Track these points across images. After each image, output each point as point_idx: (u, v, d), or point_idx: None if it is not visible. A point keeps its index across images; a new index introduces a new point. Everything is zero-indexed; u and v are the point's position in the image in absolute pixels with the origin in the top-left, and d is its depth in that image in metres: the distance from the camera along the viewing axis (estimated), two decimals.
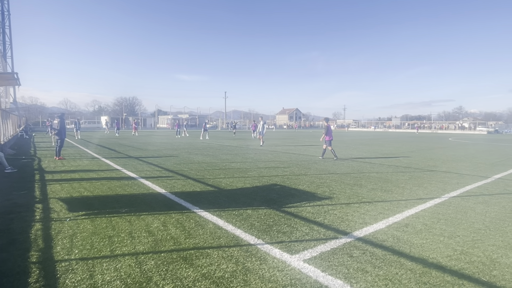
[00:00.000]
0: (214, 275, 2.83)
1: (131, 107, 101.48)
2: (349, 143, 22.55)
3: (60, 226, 4.04)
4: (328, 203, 5.38)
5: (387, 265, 3.07)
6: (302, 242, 3.64)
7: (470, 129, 70.66)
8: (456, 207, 5.26)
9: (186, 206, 5.06)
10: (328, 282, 2.73)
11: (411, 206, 5.26)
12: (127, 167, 9.30)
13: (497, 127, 68.48)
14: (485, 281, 2.79)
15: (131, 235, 3.76)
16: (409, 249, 3.48)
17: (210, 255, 3.24)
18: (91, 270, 2.89)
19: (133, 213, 4.63)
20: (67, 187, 6.45)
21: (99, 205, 5.10)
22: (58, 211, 4.74)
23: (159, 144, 19.60)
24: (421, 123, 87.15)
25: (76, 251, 3.30)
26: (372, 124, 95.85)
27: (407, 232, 4.02)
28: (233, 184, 6.91)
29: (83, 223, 4.16)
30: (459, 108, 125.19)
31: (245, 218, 4.48)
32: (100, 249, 3.35)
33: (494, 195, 6.22)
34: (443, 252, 3.41)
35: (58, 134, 10.91)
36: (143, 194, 5.88)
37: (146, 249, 3.38)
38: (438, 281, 2.78)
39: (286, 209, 4.99)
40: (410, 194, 6.22)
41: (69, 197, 5.63)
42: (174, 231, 3.92)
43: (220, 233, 3.89)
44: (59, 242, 3.52)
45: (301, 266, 3.02)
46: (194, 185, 6.76)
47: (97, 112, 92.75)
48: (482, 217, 4.72)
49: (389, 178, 8.02)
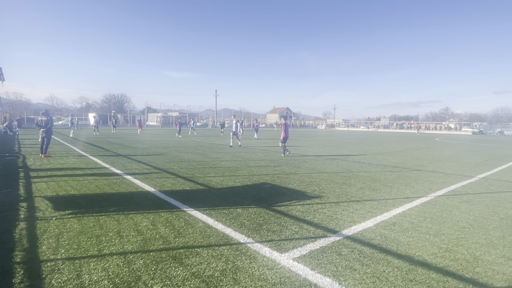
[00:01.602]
0: (204, 274, 2.83)
1: (120, 104, 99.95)
2: (339, 142, 22.79)
3: (46, 225, 3.95)
4: (318, 202, 5.43)
5: (374, 263, 3.12)
6: (291, 240, 3.67)
7: (456, 130, 72.38)
8: (441, 206, 5.39)
9: (176, 205, 5.02)
10: (317, 280, 2.76)
11: (398, 205, 5.36)
12: (115, 165, 9.16)
13: (482, 128, 70.45)
14: (469, 278, 2.87)
15: (119, 234, 3.71)
16: (396, 247, 3.55)
17: (200, 254, 3.23)
18: (78, 270, 2.84)
19: (121, 212, 4.56)
20: (53, 185, 6.31)
21: (87, 204, 5.01)
22: (44, 210, 4.64)
23: (148, 142, 19.37)
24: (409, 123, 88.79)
25: (62, 250, 3.24)
26: (362, 123, 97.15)
27: (394, 230, 4.10)
28: (223, 183, 6.90)
29: (69, 222, 4.08)
30: (445, 109, 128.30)
31: (235, 217, 4.48)
32: (87, 249, 3.29)
33: (477, 194, 6.40)
34: (429, 250, 3.49)
35: (46, 131, 10.65)
36: (132, 193, 5.81)
37: (134, 248, 3.34)
38: (423, 278, 2.85)
39: (276, 207, 5.01)
40: (397, 193, 6.33)
41: (55, 195, 5.51)
42: (164, 230, 3.89)
43: (210, 232, 3.88)
44: (44, 242, 3.44)
45: (290, 265, 3.04)
46: (184, 184, 6.72)
47: (85, 109, 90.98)
48: (466, 216, 4.85)
49: (377, 177, 8.15)
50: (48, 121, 10.73)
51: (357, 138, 31.02)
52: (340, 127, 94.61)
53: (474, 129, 68.96)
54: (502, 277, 2.91)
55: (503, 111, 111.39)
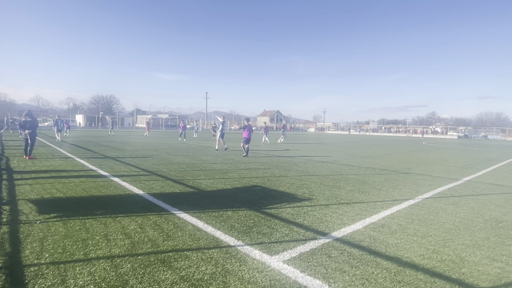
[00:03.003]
0: (193, 277, 2.79)
1: (108, 106, 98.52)
2: (328, 146, 22.99)
3: (30, 229, 3.83)
4: (308, 204, 5.45)
5: (364, 265, 3.15)
6: (281, 243, 3.66)
7: (442, 134, 74.11)
8: (428, 208, 5.49)
9: (165, 208, 4.96)
10: (307, 283, 2.76)
11: (387, 207, 5.43)
12: (103, 167, 8.99)
13: (467, 132, 72.34)
14: (455, 279, 2.93)
15: (106, 238, 3.63)
16: (384, 248, 3.59)
17: (189, 257, 3.19)
18: (63, 274, 2.76)
19: (108, 215, 4.47)
20: (37, 188, 6.14)
21: (73, 207, 4.89)
22: (27, 213, 4.50)
23: (137, 144, 19.11)
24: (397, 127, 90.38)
25: (46, 255, 3.14)
26: (351, 127, 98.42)
27: (383, 232, 4.14)
28: (213, 186, 6.85)
29: (54, 226, 3.97)
30: (432, 113, 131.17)
31: (225, 220, 4.45)
32: (73, 253, 3.21)
33: (463, 197, 6.54)
34: (417, 251, 3.54)
35: (30, 133, 10.38)
36: (120, 196, 5.70)
37: (122, 252, 3.27)
38: (411, 279, 2.88)
39: (267, 210, 5.01)
40: (386, 195, 6.42)
41: (40, 198, 5.36)
42: (152, 233, 3.82)
43: (200, 234, 3.84)
44: (28, 246, 3.34)
45: (280, 267, 3.03)
46: (174, 186, 6.64)
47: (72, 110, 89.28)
48: (452, 218, 4.95)
49: (366, 180, 8.24)
50: (33, 122, 10.45)
51: (347, 142, 31.38)
52: (329, 131, 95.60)
53: (460, 133, 70.73)
54: (487, 277, 2.98)
55: (487, 116, 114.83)
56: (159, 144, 19.55)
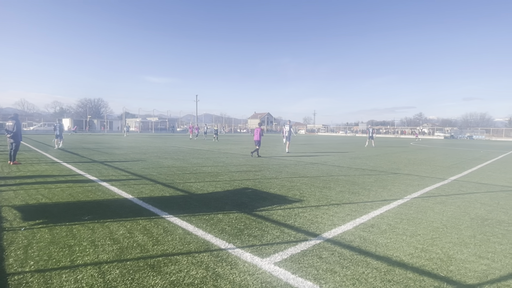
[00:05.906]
0: (183, 282, 2.75)
1: (96, 109, 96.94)
2: (319, 147, 23.14)
3: (13, 236, 3.72)
4: (299, 206, 5.46)
5: (354, 265, 3.16)
6: (273, 245, 3.65)
7: (430, 134, 75.63)
8: (417, 208, 5.57)
9: (155, 212, 4.89)
10: (298, 284, 2.76)
11: (376, 207, 5.49)
12: (91, 172, 8.82)
13: (453, 133, 73.99)
14: (443, 276, 2.97)
15: (94, 244, 3.55)
16: (374, 248, 3.62)
17: (179, 262, 3.15)
18: (48, 282, 2.68)
19: (96, 220, 4.38)
20: (22, 193, 5.97)
21: (59, 212, 4.77)
22: (11, 220, 4.37)
23: (126, 147, 18.84)
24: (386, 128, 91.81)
25: (31, 262, 3.05)
26: (341, 129, 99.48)
27: (373, 232, 4.18)
28: (204, 189, 6.80)
29: (40, 232, 3.86)
30: (419, 114, 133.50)
31: (216, 223, 4.41)
32: (59, 260, 3.12)
33: (450, 196, 6.68)
34: (406, 251, 3.58)
35: (14, 137, 10.10)
36: (108, 200, 5.60)
37: (110, 257, 3.21)
38: (401, 278, 2.91)
39: (257, 212, 4.99)
40: (375, 195, 6.49)
41: (25, 204, 5.21)
42: (141, 238, 3.76)
43: (190, 238, 3.80)
44: (11, 254, 3.23)
45: (272, 269, 3.02)
46: (163, 190, 6.56)
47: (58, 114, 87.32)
48: (440, 216, 5.04)
49: (356, 180, 8.33)
50: (15, 125, 10.13)
51: (337, 143, 31.68)
52: (320, 132, 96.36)
53: (446, 133, 72.35)
54: (474, 274, 3.04)
55: (472, 117, 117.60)
56: (149, 147, 19.32)
